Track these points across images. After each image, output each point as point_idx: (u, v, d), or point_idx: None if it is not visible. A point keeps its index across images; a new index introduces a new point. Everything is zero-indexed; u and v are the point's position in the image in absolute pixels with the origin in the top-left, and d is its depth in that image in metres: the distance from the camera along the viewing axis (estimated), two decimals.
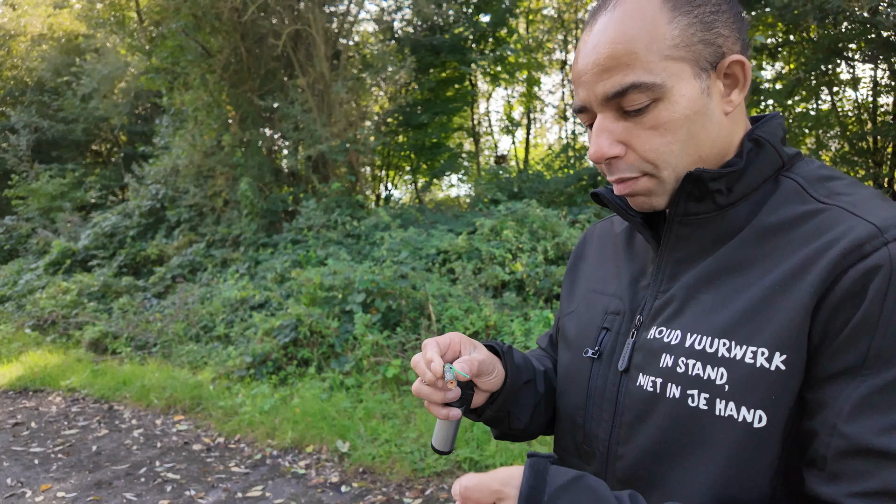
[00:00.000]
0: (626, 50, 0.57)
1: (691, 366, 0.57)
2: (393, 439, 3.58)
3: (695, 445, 0.57)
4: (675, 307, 0.62)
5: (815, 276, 0.52)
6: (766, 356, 0.53)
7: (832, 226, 0.54)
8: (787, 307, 0.53)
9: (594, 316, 0.73)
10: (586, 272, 0.80)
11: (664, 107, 0.58)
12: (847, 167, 8.86)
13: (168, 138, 9.91)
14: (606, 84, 0.58)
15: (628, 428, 0.64)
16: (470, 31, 9.86)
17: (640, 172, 0.61)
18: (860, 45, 7.96)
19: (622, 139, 0.60)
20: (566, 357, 0.77)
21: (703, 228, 0.62)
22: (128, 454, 3.89)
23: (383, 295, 5.04)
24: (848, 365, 0.50)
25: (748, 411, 0.54)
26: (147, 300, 7.69)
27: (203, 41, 8.39)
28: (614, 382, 0.66)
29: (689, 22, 0.58)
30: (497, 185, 8.54)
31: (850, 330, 0.50)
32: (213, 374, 5.12)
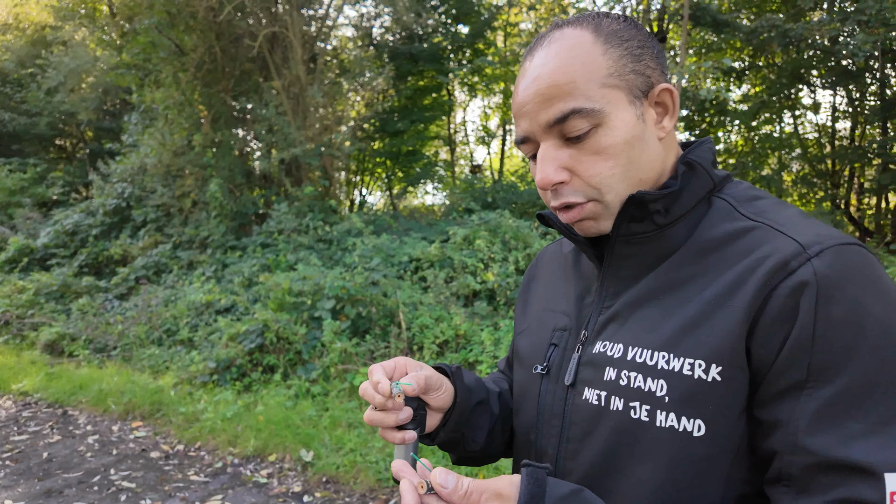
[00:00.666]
0: (566, 79, 0.60)
1: (633, 378, 0.59)
2: (358, 449, 3.53)
3: (639, 457, 0.58)
4: (619, 322, 0.64)
5: (747, 293, 0.55)
6: (703, 368, 0.55)
7: (761, 243, 0.57)
8: (723, 321, 0.55)
9: (544, 333, 0.74)
10: (538, 292, 0.82)
11: (604, 132, 0.60)
12: (807, 188, 9.21)
13: (137, 136, 9.66)
14: (549, 112, 0.61)
15: (576, 443, 0.65)
16: (448, 42, 9.93)
17: (585, 198, 0.63)
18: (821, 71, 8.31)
19: (566, 166, 0.62)
20: (519, 375, 0.78)
21: (644, 247, 0.65)
22: (81, 461, 3.74)
23: (353, 302, 4.99)
24: (793, 381, 0.52)
25: (688, 421, 0.55)
26: (108, 301, 7.45)
27: (177, 39, 8.23)
28: (561, 397, 0.68)
29: (621, 54, 0.62)
30: (471, 194, 8.58)
31: (789, 348, 0.52)
32: (175, 380, 4.98)
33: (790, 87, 8.79)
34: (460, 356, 4.42)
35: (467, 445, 0.78)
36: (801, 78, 8.60)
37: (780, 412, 0.52)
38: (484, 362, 4.24)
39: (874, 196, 8.66)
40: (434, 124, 12.02)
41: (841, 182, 8.96)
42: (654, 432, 0.57)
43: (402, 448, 0.69)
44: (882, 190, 8.27)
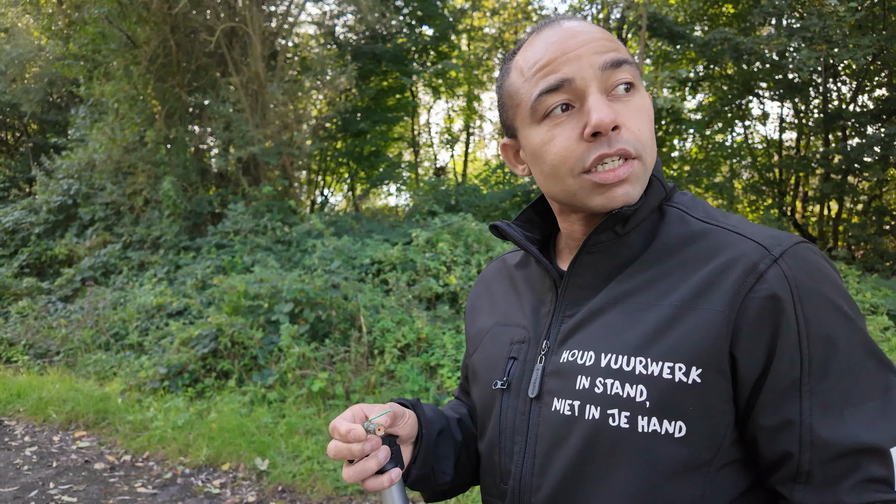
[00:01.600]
0: (611, 35, 0.62)
1: (610, 385, 0.58)
2: (316, 456, 3.45)
3: (616, 464, 0.57)
4: (584, 331, 0.63)
5: (722, 298, 0.55)
6: (684, 371, 0.55)
7: (721, 246, 0.58)
8: (699, 324, 0.55)
9: (500, 348, 0.72)
10: (486, 310, 0.80)
11: (641, 96, 0.62)
12: (756, 195, 9.61)
13: (84, 130, 9.23)
14: (606, 56, 0.59)
15: (544, 457, 0.62)
16: (412, 43, 9.90)
17: (634, 152, 0.59)
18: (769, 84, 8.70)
19: (619, 117, 0.59)
20: (477, 394, 0.75)
21: (602, 256, 0.64)
22: (17, 475, 3.53)
23: (312, 305, 4.89)
24: (790, 381, 0.53)
25: (669, 423, 0.55)
26: (51, 304, 7.08)
27: (128, 30, 7.91)
28: (524, 411, 0.65)
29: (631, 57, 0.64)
30: (435, 196, 8.57)
31: (780, 350, 0.53)
32: (123, 386, 4.77)
33: (741, 98, 9.16)
34: (422, 360, 4.39)
35: (437, 479, 0.75)
36: (751, 90, 8.98)
37: (788, 412, 0.53)
38: (446, 366, 4.22)
39: (817, 204, 9.11)
40: (398, 125, 11.97)
41: (787, 190, 9.39)
42: (635, 438, 0.56)
43: (390, 493, 0.66)
44: (824, 198, 8.71)
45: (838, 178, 8.10)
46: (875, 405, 0.52)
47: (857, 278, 5.26)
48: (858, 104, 8.51)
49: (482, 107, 14.19)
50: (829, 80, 8.32)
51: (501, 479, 0.68)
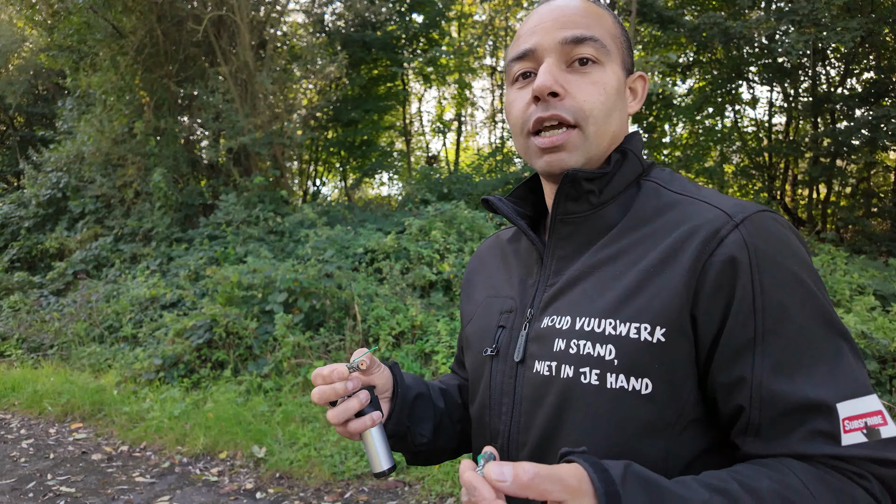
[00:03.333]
0: (589, 17, 0.67)
1: (582, 346, 0.61)
2: (312, 443, 3.49)
3: (588, 419, 0.61)
4: (563, 297, 0.67)
5: (685, 261, 0.59)
6: (649, 331, 0.58)
7: (690, 215, 0.62)
8: (664, 288, 0.59)
9: (491, 318, 0.76)
10: (480, 284, 0.84)
11: (602, 71, 0.66)
12: (746, 180, 9.67)
13: (72, 122, 9.12)
14: (568, 31, 0.65)
15: (527, 416, 0.66)
16: (402, 31, 9.83)
17: (573, 119, 0.64)
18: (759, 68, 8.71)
19: (564, 83, 0.65)
20: (469, 361, 0.79)
21: (581, 227, 0.69)
22: (14, 467, 3.54)
23: (306, 294, 4.91)
24: (745, 341, 0.56)
25: (636, 381, 0.58)
26: (43, 297, 7.05)
27: (114, 20, 7.80)
28: (511, 375, 0.69)
29: (622, 32, 0.70)
30: (427, 185, 8.56)
31: (735, 312, 0.57)
32: (118, 378, 4.78)
33: (731, 83, 9.18)
34: (416, 347, 4.43)
35: (415, 439, 0.78)
36: (741, 74, 9.00)
37: (740, 370, 0.56)
38: (440, 352, 4.26)
39: (806, 188, 9.19)
40: (389, 114, 11.90)
41: (777, 174, 9.46)
42: (605, 394, 0.59)
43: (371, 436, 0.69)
44: (813, 182, 8.78)
45: (827, 162, 8.17)
46: (825, 368, 0.55)
47: (844, 260, 5.33)
48: (847, 87, 8.56)
49: (473, 94, 14.14)
50: (818, 64, 8.35)
51: (492, 438, 0.72)
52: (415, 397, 0.78)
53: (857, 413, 0.53)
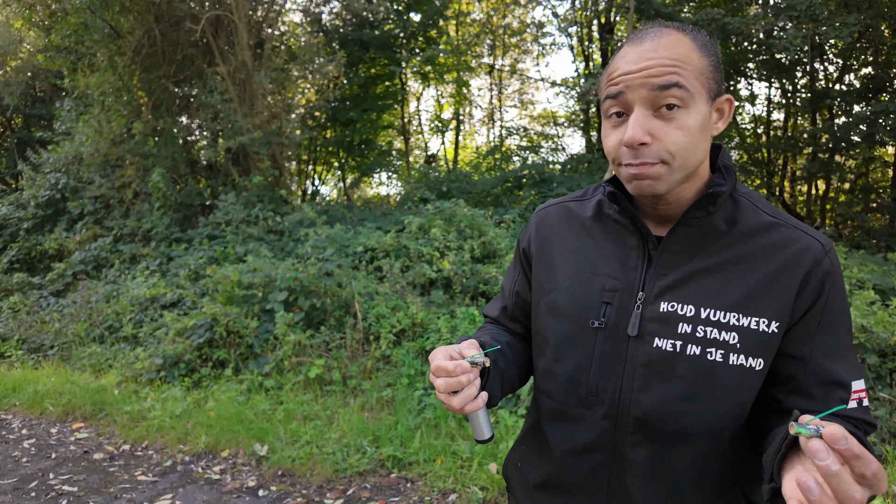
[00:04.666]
0: (675, 63, 0.75)
1: (709, 332, 0.78)
2: (314, 441, 3.49)
3: (714, 386, 0.78)
4: (683, 289, 0.81)
5: (798, 276, 0.78)
6: (767, 324, 0.77)
7: (795, 239, 0.81)
8: (779, 294, 0.78)
9: (592, 293, 0.86)
10: (562, 254, 0.93)
11: (687, 113, 0.75)
12: (745, 176, 9.68)
13: (70, 123, 9.11)
14: (655, 80, 0.74)
15: (645, 380, 0.81)
16: (400, 30, 9.82)
17: (659, 160, 0.76)
18: (757, 64, 8.71)
19: (652, 132, 0.75)
20: (562, 328, 0.89)
21: (693, 230, 0.82)
22: (16, 467, 3.54)
23: (307, 293, 4.91)
24: (810, 330, 0.79)
25: (753, 360, 0.77)
26: (43, 298, 7.04)
27: (111, 20, 7.79)
28: (623, 347, 0.83)
29: (710, 62, 0.78)
30: (426, 184, 8.56)
31: (812, 310, 0.79)
32: (119, 378, 4.77)
33: (729, 79, 9.18)
34: (417, 344, 4.43)
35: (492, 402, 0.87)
36: (740, 70, 9.00)
37: (802, 350, 0.79)
38: None
39: (805, 183, 9.20)
40: (387, 113, 11.90)
41: (776, 170, 9.47)
42: (727, 368, 0.77)
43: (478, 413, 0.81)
44: (812, 178, 8.79)
45: (825, 157, 8.18)
46: (849, 358, 0.80)
47: (844, 255, 5.34)
48: (844, 83, 8.57)
49: (471, 93, 14.12)
50: (816, 60, 8.36)
51: (590, 393, 0.84)
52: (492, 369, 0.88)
53: (857, 389, 0.79)
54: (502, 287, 1.06)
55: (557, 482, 0.89)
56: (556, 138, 12.41)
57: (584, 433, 0.85)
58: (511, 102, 15.00)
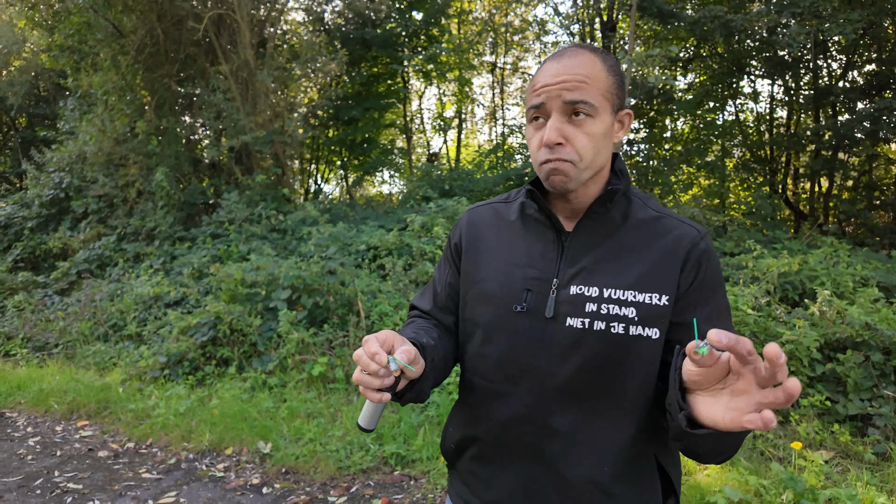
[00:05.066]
0: (590, 78, 0.90)
1: (611, 308, 0.89)
2: (318, 438, 3.51)
3: (620, 356, 0.89)
4: (589, 273, 0.93)
5: (678, 257, 0.92)
6: (658, 298, 0.89)
7: (675, 228, 0.95)
8: (666, 273, 0.91)
9: (515, 282, 0.97)
10: (490, 248, 1.04)
11: (593, 123, 0.90)
12: (747, 173, 9.65)
13: (74, 123, 9.14)
14: (571, 94, 0.89)
15: (561, 356, 0.91)
16: (402, 28, 9.82)
17: (571, 160, 0.90)
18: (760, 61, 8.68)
19: (566, 135, 0.90)
20: (490, 313, 0.99)
21: (596, 223, 0.97)
22: (21, 464, 3.56)
23: (310, 291, 4.92)
24: (692, 301, 0.92)
25: (650, 330, 0.89)
26: (48, 297, 7.07)
27: (114, 19, 7.81)
28: (541, 327, 0.93)
29: (615, 81, 0.93)
30: (429, 182, 8.57)
31: (694, 285, 0.92)
32: (123, 376, 4.80)
33: (732, 77, 9.16)
34: None
35: (418, 398, 0.94)
36: (742, 67, 8.97)
37: (687, 318, 0.91)
38: None
39: (808, 181, 9.17)
40: (389, 112, 11.90)
41: (778, 168, 9.44)
42: (628, 340, 0.89)
43: (373, 405, 0.87)
44: (815, 175, 8.76)
45: (828, 155, 8.15)
46: (726, 321, 0.94)
47: (847, 252, 5.32)
48: (848, 80, 8.53)
49: (473, 91, 14.11)
50: (819, 57, 8.33)
51: (516, 371, 0.94)
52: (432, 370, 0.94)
53: None
54: (432, 281, 1.15)
55: (490, 454, 0.98)
56: None
57: (511, 407, 0.95)
58: (513, 100, 14.99)
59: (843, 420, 3.25)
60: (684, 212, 6.31)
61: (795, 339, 3.36)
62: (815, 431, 3.12)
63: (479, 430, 0.99)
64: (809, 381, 3.43)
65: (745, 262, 4.84)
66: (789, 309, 4.09)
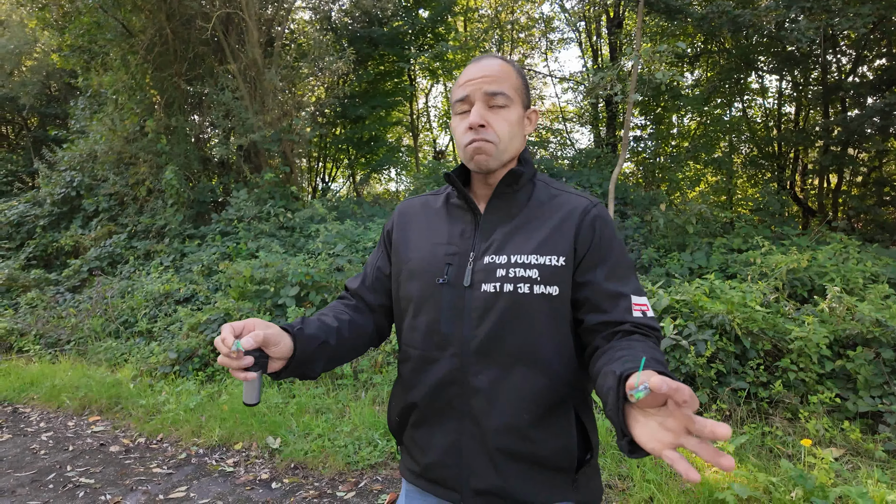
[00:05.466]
0: (504, 76, 1.08)
1: (517, 272, 1.00)
2: (326, 434, 3.53)
3: (527, 314, 0.99)
4: (499, 245, 1.05)
5: (572, 223, 1.05)
6: (556, 259, 1.01)
7: (571, 201, 1.09)
8: (562, 237, 1.03)
9: (438, 258, 1.10)
10: (418, 232, 1.18)
11: (508, 112, 1.07)
12: (755, 170, 9.58)
13: (84, 122, 9.23)
14: (490, 87, 1.06)
15: (478, 319, 1.02)
16: (408, 26, 9.82)
17: (492, 141, 1.05)
18: (768, 57, 8.61)
19: (487, 119, 1.06)
20: (417, 287, 1.11)
21: (504, 203, 1.11)
22: (34, 459, 3.61)
23: (318, 288, 4.95)
24: (592, 261, 1.02)
25: (550, 287, 1.00)
26: (60, 294, 7.16)
27: (123, 19, 7.87)
28: (461, 295, 1.05)
29: (523, 82, 1.12)
30: (435, 179, 8.57)
31: (591, 247, 1.03)
32: (134, 372, 4.85)
33: (740, 73, 9.09)
34: None
35: (308, 374, 1.04)
36: (750, 63, 8.91)
37: (588, 277, 1.01)
38: None
39: (816, 177, 9.09)
40: (396, 110, 11.91)
41: (786, 164, 9.36)
42: (533, 298, 1.00)
43: (247, 383, 0.94)
44: (824, 171, 8.69)
45: (838, 150, 8.08)
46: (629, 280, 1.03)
47: (857, 249, 5.28)
48: (858, 75, 8.45)
49: None
50: (829, 52, 8.25)
51: (443, 338, 1.05)
52: (317, 346, 1.04)
53: (638, 303, 1.00)
54: (364, 265, 1.28)
55: (425, 418, 1.08)
56: (564, 133, 12.36)
57: (440, 371, 1.04)
58: None
59: (854, 417, 3.23)
60: (691, 209, 6.28)
61: (804, 336, 3.35)
62: (824, 429, 3.11)
63: (416, 396, 1.09)
64: (819, 378, 3.41)
65: (754, 259, 4.81)
66: (798, 305, 4.07)
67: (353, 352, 1.14)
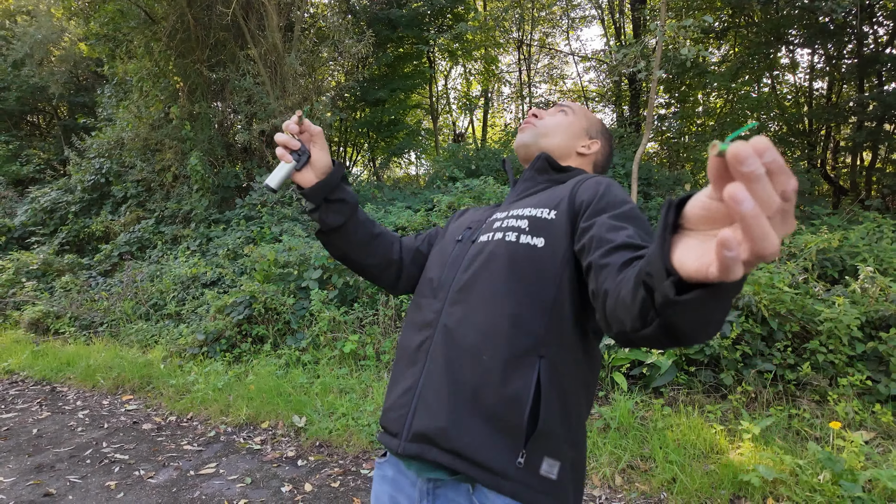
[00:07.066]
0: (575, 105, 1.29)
1: (510, 223, 1.06)
2: (350, 413, 3.60)
3: (507, 260, 1.02)
4: (509, 208, 1.13)
5: (570, 185, 1.09)
6: (547, 213, 1.04)
7: (578, 174, 1.18)
8: (557, 195, 1.07)
9: (462, 228, 1.20)
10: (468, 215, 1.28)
11: (565, 116, 1.25)
12: (784, 147, 9.30)
13: (111, 109, 9.40)
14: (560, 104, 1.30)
15: (466, 265, 1.07)
16: (427, 7, 9.71)
17: (535, 125, 1.24)
18: (800, 29, 8.29)
19: (542, 115, 1.25)
20: (437, 248, 1.21)
21: (526, 182, 1.21)
22: (72, 436, 3.76)
23: (340, 271, 5.00)
24: (594, 210, 0.99)
25: (536, 239, 1.01)
26: (92, 278, 7.37)
27: (146, 6, 7.95)
28: (466, 249, 1.12)
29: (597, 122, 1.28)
30: (455, 162, 8.54)
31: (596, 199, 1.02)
32: (164, 353, 4.99)
33: (769, 47, 8.78)
34: None
35: (325, 216, 1.12)
36: (780, 37, 8.60)
37: (592, 220, 0.97)
38: None
39: (849, 154, 8.78)
40: (415, 93, 11.84)
41: (817, 141, 9.06)
42: (518, 247, 1.02)
43: (282, 167, 1.05)
44: (857, 148, 8.39)
45: (873, 126, 7.78)
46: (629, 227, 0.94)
47: (892, 228, 5.11)
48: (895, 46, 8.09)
49: (500, 69, 13.89)
50: (865, 22, 7.90)
51: (440, 287, 1.10)
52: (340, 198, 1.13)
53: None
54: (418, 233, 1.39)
55: (402, 353, 1.12)
56: None
57: (425, 313, 1.09)
58: (540, 78, 14.71)
59: (885, 400, 3.16)
60: None
61: (835, 317, 3.27)
62: (854, 411, 3.05)
63: (404, 336, 1.14)
64: (849, 361, 3.34)
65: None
66: (828, 286, 3.97)
67: (368, 253, 1.21)
